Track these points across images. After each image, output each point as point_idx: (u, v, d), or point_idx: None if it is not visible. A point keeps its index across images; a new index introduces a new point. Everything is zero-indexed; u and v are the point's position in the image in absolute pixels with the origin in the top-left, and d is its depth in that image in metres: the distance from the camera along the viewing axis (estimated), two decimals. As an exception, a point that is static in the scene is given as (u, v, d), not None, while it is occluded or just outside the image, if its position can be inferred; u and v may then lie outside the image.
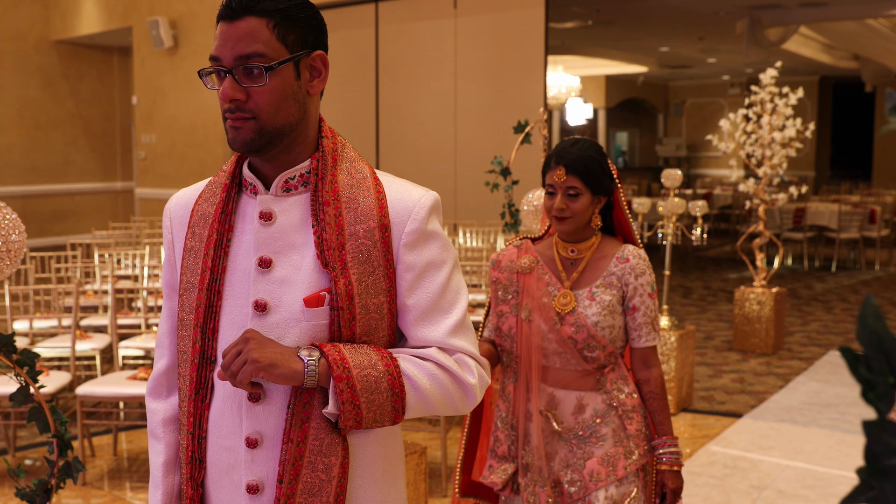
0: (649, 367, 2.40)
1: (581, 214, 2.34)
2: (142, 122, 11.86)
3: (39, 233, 13.51)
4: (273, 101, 1.41)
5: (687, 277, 11.11)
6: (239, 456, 1.47)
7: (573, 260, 2.41)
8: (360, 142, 9.71)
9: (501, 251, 2.51)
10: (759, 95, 6.94)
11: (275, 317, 1.44)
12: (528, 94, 8.56)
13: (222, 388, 1.48)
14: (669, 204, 5.66)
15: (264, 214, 1.47)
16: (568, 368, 2.36)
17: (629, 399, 2.37)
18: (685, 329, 5.67)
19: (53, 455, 2.52)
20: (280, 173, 1.48)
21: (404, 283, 1.48)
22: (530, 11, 8.44)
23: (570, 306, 2.34)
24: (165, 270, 1.61)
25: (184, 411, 1.53)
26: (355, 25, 9.68)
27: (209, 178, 1.60)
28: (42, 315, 5.42)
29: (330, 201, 1.46)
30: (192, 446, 1.50)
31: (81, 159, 14.21)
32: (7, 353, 2.38)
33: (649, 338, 2.38)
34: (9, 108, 13.25)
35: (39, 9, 13.41)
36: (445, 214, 8.92)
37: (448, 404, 1.48)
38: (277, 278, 1.45)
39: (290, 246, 1.47)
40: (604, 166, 2.36)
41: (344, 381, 1.37)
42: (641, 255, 2.39)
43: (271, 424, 1.44)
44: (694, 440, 5.05)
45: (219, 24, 1.42)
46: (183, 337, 1.53)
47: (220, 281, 1.48)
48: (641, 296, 2.36)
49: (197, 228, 1.53)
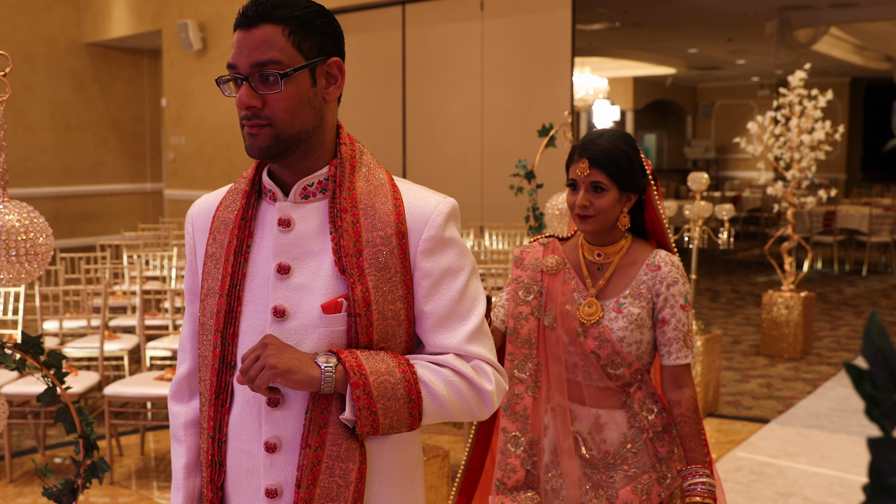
0: (680, 388, 2.13)
1: (606, 213, 2.11)
2: (171, 123, 11.97)
3: (70, 233, 13.67)
4: (289, 108, 1.42)
5: (715, 281, 11.04)
6: (258, 460, 1.48)
7: (600, 265, 2.19)
8: (386, 144, 9.74)
9: (525, 247, 2.33)
10: (787, 98, 6.88)
11: (293, 323, 1.45)
12: (554, 96, 8.54)
13: (242, 393, 1.50)
14: (696, 207, 5.63)
15: (283, 221, 1.48)
16: (590, 384, 2.17)
17: (659, 419, 2.16)
18: (712, 333, 5.63)
19: (80, 455, 2.55)
20: (298, 180, 1.50)
21: (421, 289, 1.48)
22: (557, 13, 8.42)
23: (595, 317, 2.13)
24: (187, 275, 1.63)
25: (204, 415, 1.54)
26: (382, 28, 9.70)
27: (230, 185, 1.62)
28: (72, 315, 5.49)
29: (348, 208, 1.46)
30: (213, 450, 1.52)
31: (112, 161, 14.36)
32: (35, 355, 2.42)
33: (680, 355, 2.12)
34: (41, 110, 13.42)
35: (71, 12, 13.58)
36: (472, 216, 8.92)
37: (465, 411, 1.48)
38: (296, 284, 1.46)
39: (308, 252, 1.48)
40: (634, 160, 2.13)
41: (360, 388, 1.38)
42: (675, 262, 2.16)
43: (290, 429, 1.46)
44: (720, 445, 5.02)
45: (236, 31, 1.43)
46: (204, 342, 1.55)
47: (239, 287, 1.50)
48: (672, 307, 2.12)
49: (218, 234, 1.55)
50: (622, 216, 2.15)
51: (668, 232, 2.25)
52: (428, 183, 7.10)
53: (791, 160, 6.93)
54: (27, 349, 2.41)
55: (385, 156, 9.72)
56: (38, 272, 2.36)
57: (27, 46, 13.13)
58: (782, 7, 10.93)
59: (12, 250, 2.27)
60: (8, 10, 12.92)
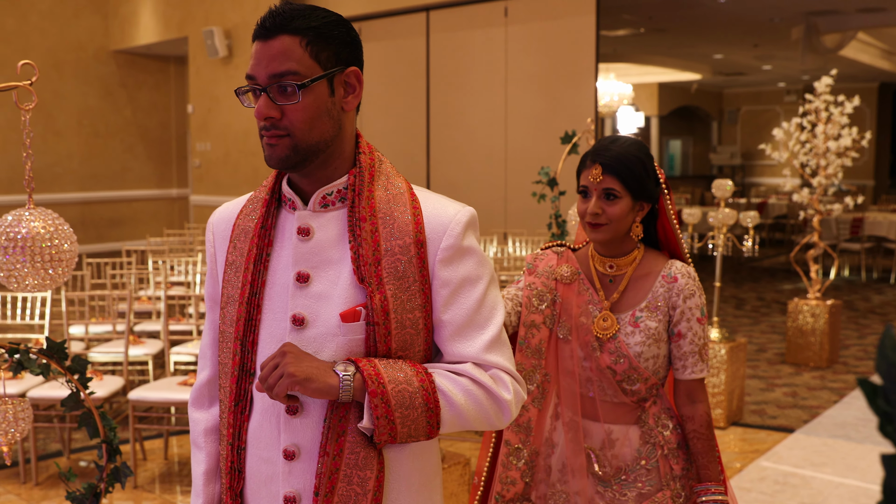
0: (694, 403, 2.08)
1: (619, 221, 2.03)
2: (197, 130, 12.06)
3: (97, 239, 13.80)
4: (307, 119, 1.43)
5: (740, 288, 10.95)
6: (277, 467, 1.49)
7: (612, 277, 2.12)
8: (410, 150, 9.76)
9: (538, 254, 2.24)
10: (813, 104, 6.83)
11: (312, 331, 1.46)
12: (578, 102, 8.52)
13: (261, 401, 1.51)
14: (720, 214, 5.59)
15: (302, 230, 1.49)
16: (604, 399, 2.09)
17: (674, 435, 2.09)
18: (736, 341, 5.59)
19: (103, 460, 2.57)
20: (317, 189, 1.50)
21: (440, 298, 1.48)
22: (581, 19, 8.40)
23: (610, 331, 2.06)
24: (208, 283, 1.65)
25: (224, 422, 1.55)
26: (406, 34, 9.73)
27: (251, 193, 1.63)
28: (97, 320, 5.53)
29: (366, 217, 1.47)
30: (232, 457, 1.53)
31: (138, 166, 14.49)
32: (59, 360, 2.44)
33: (696, 369, 2.07)
34: (69, 116, 13.57)
35: (99, 20, 13.73)
36: (495, 223, 8.91)
37: (483, 420, 1.48)
38: (315, 293, 1.47)
39: (327, 261, 1.48)
40: (648, 167, 2.06)
41: (379, 397, 1.39)
42: (691, 273, 2.09)
43: (308, 437, 1.46)
44: (744, 455, 4.97)
45: (254, 43, 1.44)
46: (224, 349, 1.56)
47: (259, 295, 1.51)
48: (689, 321, 2.05)
49: (238, 242, 1.55)
50: (635, 226, 2.08)
51: (683, 242, 2.18)
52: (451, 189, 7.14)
53: (817, 167, 6.87)
54: (51, 354, 2.43)
55: (409, 162, 9.74)
56: (63, 278, 2.38)
57: (56, 54, 13.29)
58: (809, 12, 10.85)
59: (37, 257, 2.30)
60: (37, 17, 13.08)
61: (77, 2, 13.47)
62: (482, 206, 9.06)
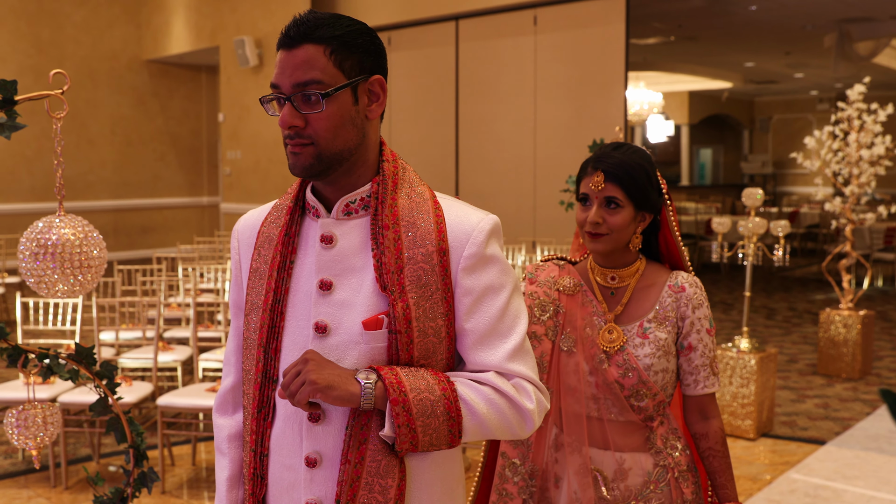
0: (707, 419, 2.00)
1: (620, 232, 1.95)
2: (227, 138, 12.16)
3: (129, 246, 13.95)
4: (331, 127, 1.43)
5: (771, 298, 10.83)
6: (299, 475, 1.49)
7: (614, 289, 2.03)
8: (439, 159, 9.77)
9: (538, 266, 2.14)
10: (846, 112, 6.75)
11: (335, 339, 1.46)
12: (608, 110, 8.49)
13: (284, 408, 1.51)
14: (750, 223, 5.54)
15: (325, 237, 1.49)
16: (609, 418, 1.98)
17: (683, 457, 2.00)
18: (766, 352, 5.53)
19: (130, 465, 2.59)
20: (341, 197, 1.51)
21: (462, 307, 1.47)
22: (611, 28, 8.38)
23: (617, 343, 1.96)
24: (233, 290, 1.65)
25: (247, 428, 1.56)
26: (436, 43, 9.76)
27: (276, 201, 1.63)
28: (127, 326, 5.59)
29: (389, 225, 1.47)
30: (255, 463, 1.54)
31: (170, 174, 14.64)
32: (87, 365, 2.47)
33: (707, 383, 1.98)
34: (102, 125, 13.74)
35: (133, 30, 13.90)
36: (524, 231, 8.90)
37: (506, 429, 1.47)
38: (338, 301, 1.47)
39: (350, 269, 1.48)
40: (651, 176, 1.98)
41: (400, 405, 1.38)
42: (698, 283, 2.01)
43: (330, 445, 1.46)
44: (774, 467, 4.91)
45: (279, 51, 1.45)
46: (247, 356, 1.56)
47: (283, 302, 1.51)
48: (699, 332, 1.97)
49: (262, 250, 1.56)
50: (634, 237, 2.00)
51: (685, 254, 2.09)
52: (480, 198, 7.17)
53: (850, 175, 6.79)
54: (80, 359, 2.46)
55: (438, 170, 9.76)
56: (92, 284, 2.41)
57: (90, 63, 13.48)
58: (842, 19, 10.74)
59: (67, 263, 2.32)
60: (72, 28, 13.28)
61: (111, 12, 13.65)
62: (511, 215, 9.05)
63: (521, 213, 9.08)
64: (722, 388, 5.48)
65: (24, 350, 2.40)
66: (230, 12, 11.83)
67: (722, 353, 5.51)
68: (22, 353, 2.40)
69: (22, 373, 2.45)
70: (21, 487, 4.55)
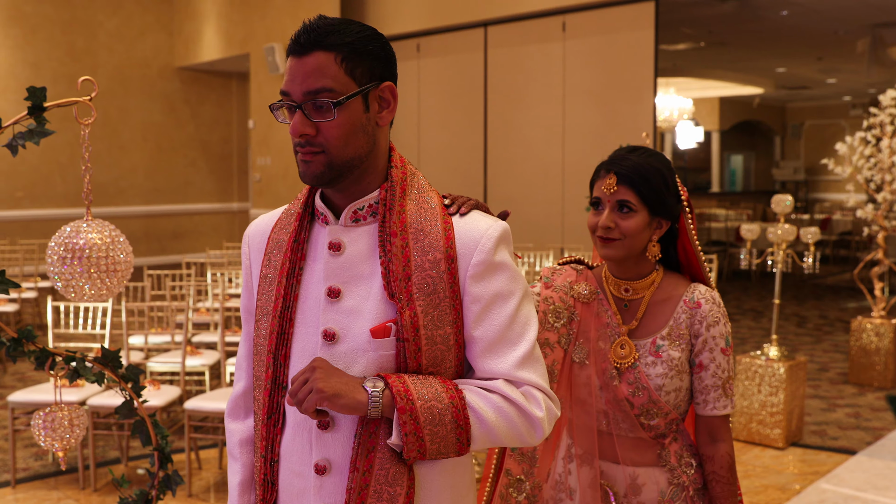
0: (716, 442, 1.91)
1: (633, 237, 1.86)
2: (257, 145, 12.25)
3: (160, 251, 14.08)
4: (342, 135, 1.42)
5: (802, 306, 10.72)
6: (309, 482, 1.49)
7: (627, 301, 1.94)
8: (468, 165, 9.78)
9: (555, 269, 2.06)
10: (878, 118, 6.67)
11: (343, 346, 1.45)
12: (637, 116, 8.46)
13: (294, 415, 1.51)
14: (779, 230, 5.48)
15: (333, 244, 1.49)
16: (619, 434, 1.91)
17: (699, 474, 1.93)
18: (796, 360, 5.47)
19: (155, 467, 2.61)
20: (349, 203, 1.50)
21: (471, 314, 1.46)
22: (640, 34, 8.35)
23: (629, 359, 1.89)
24: (244, 295, 1.65)
25: (257, 434, 1.56)
26: (464, 49, 9.77)
27: (286, 206, 1.63)
28: (156, 331, 5.64)
29: (397, 232, 1.46)
30: (265, 469, 1.54)
31: (200, 180, 14.77)
32: (113, 368, 2.49)
33: (718, 405, 1.89)
34: (134, 131, 13.90)
35: (165, 37, 14.06)
36: (552, 238, 8.87)
37: (515, 437, 1.46)
38: (346, 308, 1.46)
39: (358, 276, 1.48)
40: (668, 181, 1.89)
41: (407, 413, 1.38)
42: (716, 298, 1.91)
43: (339, 452, 1.46)
44: (803, 476, 4.85)
45: (289, 58, 1.44)
46: (257, 362, 1.56)
47: (292, 308, 1.51)
48: (712, 351, 1.88)
49: (272, 256, 1.56)
50: (651, 245, 1.90)
51: (705, 265, 2.00)
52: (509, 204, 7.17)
53: (882, 182, 6.70)
54: (106, 362, 2.48)
55: (466, 176, 9.76)
56: (119, 288, 2.44)
57: (123, 71, 13.65)
58: (874, 24, 10.62)
59: (94, 267, 2.35)
60: (105, 36, 13.46)
61: (143, 21, 13.82)
62: (539, 221, 9.04)
63: (549, 219, 9.06)
64: (750, 396, 5.42)
65: (52, 353, 2.43)
66: (260, 20, 11.92)
67: (750, 360, 5.46)
68: (49, 356, 2.43)
69: (49, 375, 2.48)
70: (51, 489, 4.61)
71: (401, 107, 10.49)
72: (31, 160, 12.76)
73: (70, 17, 13.08)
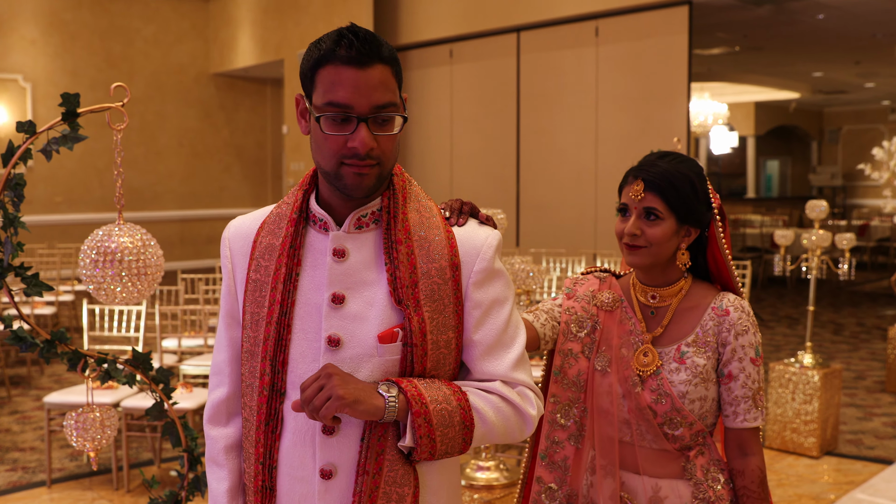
0: (746, 456, 1.85)
1: (660, 245, 1.83)
2: (291, 150, 12.33)
3: (195, 255, 14.23)
4: (394, 148, 1.46)
5: (839, 313, 10.57)
6: (312, 486, 1.50)
7: (654, 308, 1.91)
8: (500, 170, 9.78)
9: (577, 279, 2.05)
10: (916, 122, 6.57)
11: (348, 352, 1.47)
12: (670, 121, 8.40)
13: (294, 420, 1.51)
14: (814, 236, 5.42)
15: (338, 251, 1.49)
16: (642, 445, 1.87)
17: (726, 491, 1.87)
18: (830, 367, 5.39)
19: (184, 469, 2.64)
20: (352, 210, 1.51)
21: (472, 319, 1.52)
22: (673, 38, 8.30)
23: (652, 366, 1.85)
24: (226, 300, 1.62)
25: (250, 440, 1.55)
26: (497, 54, 9.78)
27: (267, 208, 1.62)
28: (190, 334, 5.69)
29: (402, 239, 1.49)
30: (263, 475, 1.53)
31: (235, 185, 14.91)
32: (144, 370, 2.52)
33: (748, 416, 1.84)
34: (170, 137, 14.07)
35: (201, 44, 14.22)
36: (585, 244, 8.84)
37: (508, 435, 1.54)
38: (350, 314, 1.48)
39: (362, 282, 1.49)
40: (698, 189, 1.85)
41: (422, 417, 1.42)
42: (745, 307, 1.86)
43: (345, 456, 1.48)
44: (838, 486, 4.78)
45: (341, 67, 1.40)
46: (248, 368, 1.55)
47: (289, 315, 1.50)
48: (741, 360, 1.83)
49: (262, 261, 1.54)
50: (680, 253, 1.87)
51: (736, 275, 1.94)
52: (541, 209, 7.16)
53: (920, 188, 6.61)
54: (137, 364, 2.52)
55: (498, 182, 9.76)
56: (149, 291, 2.47)
57: (159, 77, 13.82)
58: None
59: (125, 270, 2.39)
60: (142, 43, 13.64)
61: (179, 28, 13.99)
62: (571, 227, 9.01)
63: (581, 224, 9.03)
64: (784, 404, 5.36)
65: (83, 354, 2.47)
66: (294, 26, 12.02)
67: (784, 368, 5.39)
68: (81, 358, 2.47)
69: (81, 376, 2.52)
70: (85, 489, 4.67)
71: (433, 112, 10.52)
72: (70, 165, 12.96)
73: (108, 25, 13.27)
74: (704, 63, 13.00)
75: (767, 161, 21.60)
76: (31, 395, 6.66)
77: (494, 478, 4.31)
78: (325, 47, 1.42)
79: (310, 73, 1.45)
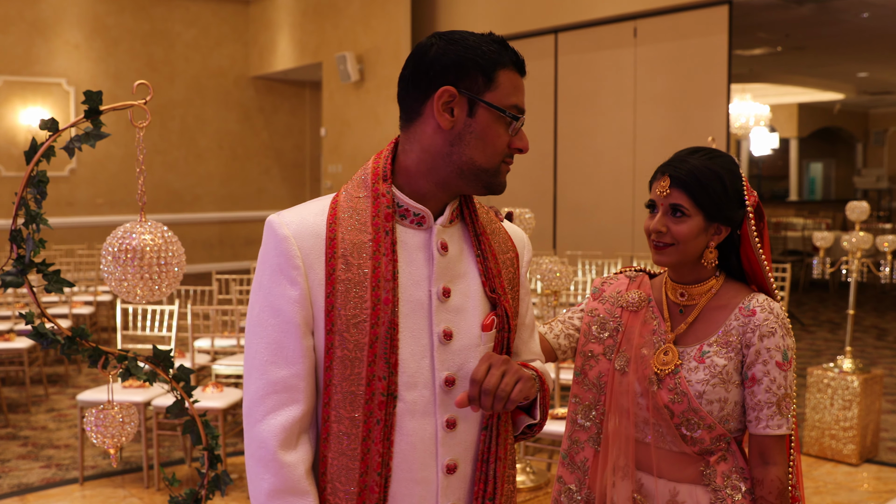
0: (767, 465, 1.78)
1: (686, 244, 1.78)
2: (329, 152, 12.39)
3: (233, 256, 14.34)
4: None
5: (883, 318, 10.34)
6: (431, 486, 1.49)
7: (682, 306, 1.87)
8: (538, 172, 9.72)
9: (608, 278, 2.01)
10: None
11: (457, 343, 1.51)
12: (710, 123, 8.29)
13: (410, 422, 1.47)
14: (854, 238, 5.30)
15: (444, 245, 1.53)
16: (662, 447, 1.82)
17: (746, 500, 1.79)
18: (870, 373, 5.27)
19: (205, 467, 2.64)
20: (443, 205, 1.55)
21: (523, 305, 1.65)
22: (713, 39, 8.19)
23: (671, 365, 1.80)
24: (294, 307, 1.45)
25: (350, 455, 1.45)
26: (535, 56, 9.72)
27: (315, 202, 1.55)
28: (222, 334, 5.72)
29: (484, 232, 1.58)
30: (379, 488, 1.45)
31: (273, 188, 15.01)
32: (164, 368, 2.52)
33: (771, 423, 1.76)
34: (210, 139, 14.21)
35: (240, 48, 14.34)
36: (622, 245, 8.76)
37: None
38: (454, 307, 1.52)
39: (459, 275, 1.54)
40: (728, 185, 1.79)
41: (548, 393, 1.61)
42: (774, 309, 1.79)
43: (464, 448, 1.53)
44: (878, 494, 4.67)
45: (515, 74, 1.53)
46: (348, 376, 1.44)
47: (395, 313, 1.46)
48: (766, 364, 1.76)
49: (352, 259, 1.45)
50: (708, 251, 1.82)
51: (771, 276, 1.86)
52: (578, 211, 7.13)
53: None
54: (158, 362, 2.51)
55: (536, 183, 9.71)
56: (170, 290, 2.46)
57: (199, 80, 13.97)
58: (962, 27, 10.22)
59: (146, 268, 2.38)
60: (183, 47, 13.79)
61: (219, 32, 14.13)
62: (609, 229, 8.93)
63: (619, 226, 8.94)
64: (822, 409, 5.24)
65: (104, 351, 2.47)
66: (332, 29, 12.07)
67: (822, 373, 5.28)
68: (102, 354, 2.47)
69: (102, 373, 2.52)
70: (117, 487, 4.71)
71: (469, 114, 10.49)
72: (112, 168, 13.15)
73: (150, 29, 13.44)
74: (746, 64, 12.82)
75: (811, 163, 21.26)
76: (68, 394, 6.75)
77: (521, 481, 4.26)
78: (495, 49, 1.48)
79: (490, 71, 1.47)
